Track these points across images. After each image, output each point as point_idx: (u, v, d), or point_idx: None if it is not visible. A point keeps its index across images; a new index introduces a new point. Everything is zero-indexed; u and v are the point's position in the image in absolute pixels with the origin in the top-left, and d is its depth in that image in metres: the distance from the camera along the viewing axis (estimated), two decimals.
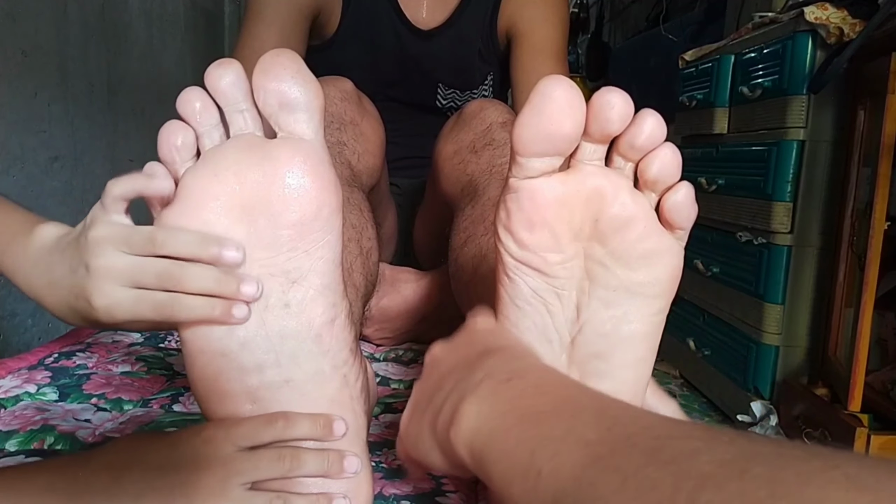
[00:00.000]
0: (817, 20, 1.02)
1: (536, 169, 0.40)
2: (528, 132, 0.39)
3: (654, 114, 0.40)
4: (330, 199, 0.43)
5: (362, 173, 0.78)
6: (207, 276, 0.41)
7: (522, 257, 0.42)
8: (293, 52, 0.42)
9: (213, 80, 0.42)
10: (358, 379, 0.47)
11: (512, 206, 0.42)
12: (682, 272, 0.43)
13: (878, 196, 0.91)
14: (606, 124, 0.39)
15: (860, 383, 0.92)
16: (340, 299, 0.45)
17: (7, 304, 1.05)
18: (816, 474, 0.20)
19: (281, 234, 0.42)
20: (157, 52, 1.51)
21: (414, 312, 0.87)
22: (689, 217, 0.41)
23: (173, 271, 0.41)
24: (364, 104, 0.84)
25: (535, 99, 0.38)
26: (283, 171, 0.41)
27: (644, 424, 0.27)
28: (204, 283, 0.41)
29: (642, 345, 0.43)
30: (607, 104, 0.38)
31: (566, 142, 0.39)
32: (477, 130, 0.81)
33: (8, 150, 1.03)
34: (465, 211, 0.74)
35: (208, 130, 0.43)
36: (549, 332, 0.43)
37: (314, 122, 0.42)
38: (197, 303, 0.41)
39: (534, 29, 1.00)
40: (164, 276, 0.41)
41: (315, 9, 0.96)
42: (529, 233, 0.41)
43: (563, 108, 0.38)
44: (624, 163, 0.41)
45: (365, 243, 0.69)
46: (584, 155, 0.41)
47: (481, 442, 0.32)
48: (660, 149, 0.40)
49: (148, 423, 0.61)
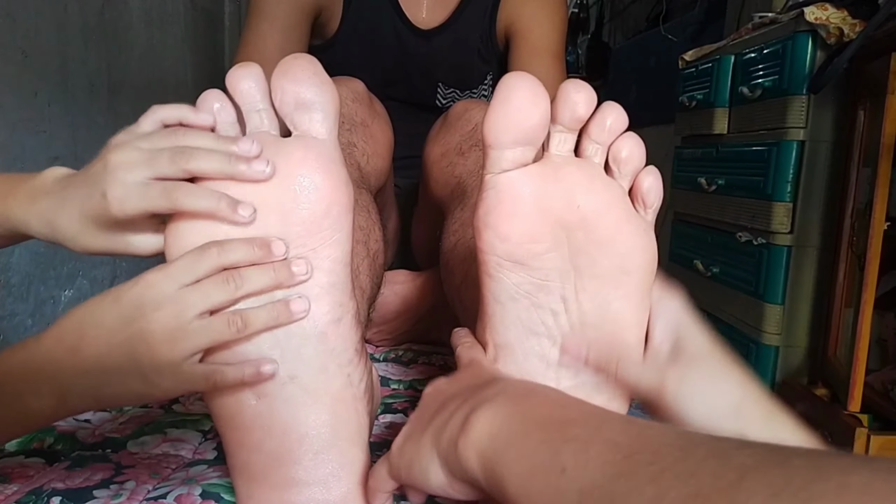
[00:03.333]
0: (817, 20, 1.02)
1: (510, 160, 0.41)
2: (498, 124, 0.40)
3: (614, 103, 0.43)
4: (341, 198, 0.43)
5: (371, 175, 0.79)
6: (218, 156, 0.41)
7: (504, 251, 0.42)
8: (311, 56, 0.43)
9: (233, 80, 0.43)
10: (362, 380, 0.47)
11: (491, 200, 0.42)
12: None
13: (878, 196, 0.91)
14: (574, 107, 0.41)
15: (860, 383, 0.92)
16: (348, 299, 0.45)
17: (7, 304, 1.05)
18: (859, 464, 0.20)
19: (290, 231, 0.42)
20: (157, 52, 1.51)
21: (412, 313, 0.88)
22: (659, 196, 0.44)
23: (185, 149, 0.41)
24: (374, 106, 0.85)
25: (501, 93, 0.40)
26: (296, 169, 0.42)
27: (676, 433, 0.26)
28: (215, 161, 0.41)
29: (630, 332, 0.44)
30: (573, 89, 0.41)
31: (535, 130, 0.41)
32: (463, 132, 0.81)
33: (8, 150, 1.03)
34: (454, 213, 0.74)
35: (225, 129, 0.44)
36: (536, 326, 0.43)
37: (329, 123, 0.43)
38: (202, 192, 0.41)
39: (532, 28, 1.00)
40: (177, 154, 0.41)
41: (317, 8, 0.96)
42: (511, 224, 0.42)
43: (528, 96, 0.40)
44: (594, 151, 0.43)
45: (372, 245, 0.69)
46: (555, 146, 0.42)
47: (497, 446, 0.32)
48: (626, 134, 0.43)
49: (148, 423, 0.61)
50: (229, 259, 0.41)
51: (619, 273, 0.42)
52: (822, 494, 0.19)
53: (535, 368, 0.43)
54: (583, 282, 0.42)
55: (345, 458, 0.44)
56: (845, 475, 0.19)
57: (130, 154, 0.41)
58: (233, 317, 0.41)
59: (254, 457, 0.44)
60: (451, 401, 0.38)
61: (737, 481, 0.21)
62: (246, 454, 0.44)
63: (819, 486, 0.19)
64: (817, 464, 0.20)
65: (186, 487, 0.49)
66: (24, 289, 1.09)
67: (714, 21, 1.85)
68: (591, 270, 0.42)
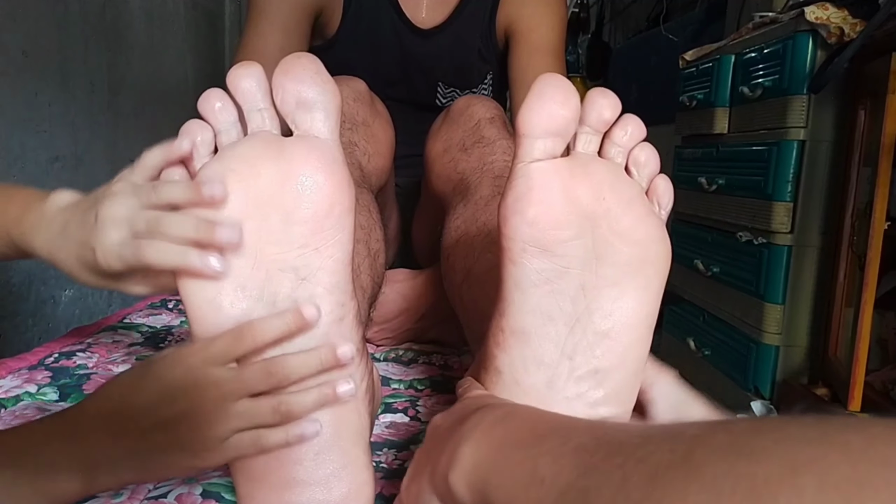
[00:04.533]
0: (818, 20, 1.02)
1: (542, 150, 0.43)
2: (532, 114, 0.42)
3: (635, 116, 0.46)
4: (343, 198, 0.43)
5: (372, 174, 0.79)
6: (187, 222, 0.42)
7: (531, 237, 0.43)
8: (313, 55, 0.44)
9: (234, 80, 0.43)
10: (363, 380, 0.47)
11: (521, 188, 0.43)
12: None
13: (878, 196, 0.91)
14: (602, 110, 0.44)
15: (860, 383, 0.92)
16: (349, 299, 0.46)
17: (7, 304, 1.05)
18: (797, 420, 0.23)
19: (292, 231, 0.42)
20: (157, 52, 1.51)
21: (412, 311, 0.88)
22: (671, 199, 0.47)
23: (160, 217, 0.43)
24: (376, 105, 0.85)
25: (538, 86, 0.42)
26: (297, 168, 0.42)
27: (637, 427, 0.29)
28: (183, 228, 0.42)
29: (643, 324, 0.44)
30: (601, 94, 0.44)
31: (567, 122, 0.42)
32: (465, 128, 0.81)
33: (8, 150, 1.03)
34: (456, 210, 0.74)
35: (226, 128, 0.44)
36: (553, 312, 0.44)
37: (330, 122, 0.44)
38: (172, 248, 0.42)
39: (532, 28, 1.00)
40: (152, 222, 0.43)
41: (317, 8, 0.96)
42: (539, 210, 0.43)
43: (561, 92, 0.42)
44: (616, 153, 0.45)
45: (373, 245, 0.69)
46: (581, 145, 0.45)
47: (481, 474, 0.34)
48: (644, 143, 0.46)
49: None
50: (265, 339, 0.42)
51: (639, 262, 0.44)
52: (763, 448, 0.22)
53: (548, 354, 0.43)
54: (603, 269, 0.43)
55: (346, 459, 0.44)
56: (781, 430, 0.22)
57: (117, 210, 0.44)
58: (278, 405, 0.42)
59: (255, 456, 0.43)
60: (443, 439, 0.40)
61: (689, 452, 0.23)
62: None
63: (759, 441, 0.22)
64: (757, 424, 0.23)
65: (187, 487, 0.49)
66: (25, 289, 1.09)
67: (714, 21, 1.85)
68: (612, 259, 0.43)
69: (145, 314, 0.98)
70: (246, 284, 0.43)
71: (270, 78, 0.44)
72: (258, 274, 0.43)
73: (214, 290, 0.43)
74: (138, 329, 0.90)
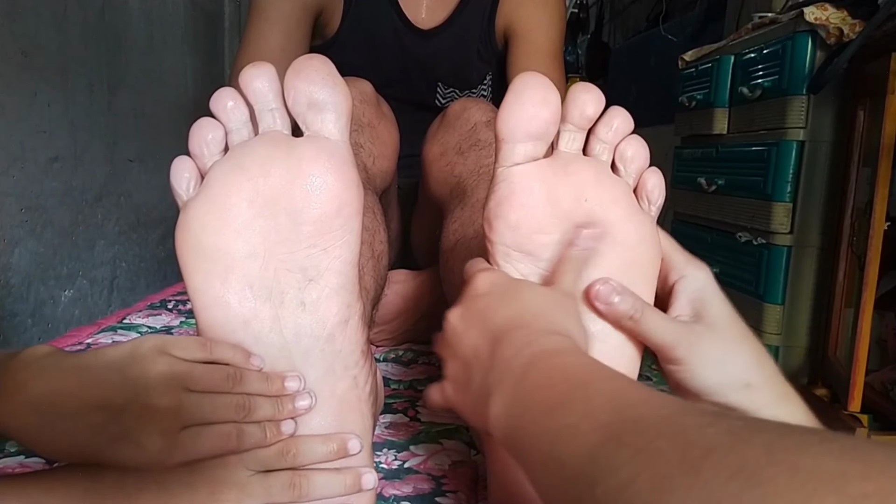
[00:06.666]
0: (817, 20, 1.02)
1: (522, 154, 0.43)
2: (511, 119, 0.42)
3: (621, 108, 0.45)
4: (351, 199, 0.44)
5: (376, 176, 0.79)
6: (270, 405, 0.42)
7: (513, 241, 0.43)
8: (324, 57, 0.44)
9: (247, 79, 0.43)
10: (367, 381, 0.47)
11: (503, 192, 0.43)
12: None
13: (878, 196, 0.91)
14: (584, 106, 0.43)
15: (860, 383, 0.92)
16: (355, 300, 0.46)
17: (7, 304, 1.05)
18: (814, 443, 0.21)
19: (301, 231, 0.43)
20: (157, 52, 1.51)
21: (412, 312, 0.88)
22: (662, 194, 0.46)
23: (246, 404, 0.41)
24: (382, 107, 0.85)
25: (515, 88, 0.42)
26: (307, 169, 0.42)
27: (655, 404, 0.28)
28: (268, 411, 0.42)
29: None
30: (583, 90, 0.43)
31: (546, 125, 0.42)
32: (462, 131, 0.81)
33: (8, 150, 1.03)
34: (454, 213, 0.74)
35: (237, 128, 0.44)
36: None
37: (341, 124, 0.44)
38: (257, 430, 0.42)
39: (530, 29, 1.00)
40: (240, 409, 0.41)
41: (318, 8, 0.96)
42: (521, 214, 0.43)
43: (540, 93, 0.42)
44: (601, 150, 0.44)
45: (377, 246, 0.69)
46: (564, 144, 0.44)
47: (511, 434, 0.33)
48: (631, 136, 0.45)
49: None
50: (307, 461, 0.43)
51: (626, 264, 0.43)
52: (773, 478, 0.20)
53: None
54: (588, 272, 0.43)
55: (349, 460, 0.44)
56: (797, 456, 0.20)
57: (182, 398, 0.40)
58: (295, 479, 0.42)
59: None
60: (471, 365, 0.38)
61: (700, 461, 0.22)
62: None
63: (771, 470, 0.20)
64: (773, 445, 0.21)
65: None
66: (24, 289, 1.09)
67: (714, 21, 1.85)
68: (595, 261, 0.43)
69: (145, 315, 0.98)
70: (254, 283, 0.43)
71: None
72: (266, 273, 0.43)
73: (222, 288, 0.43)
74: (138, 329, 0.90)
